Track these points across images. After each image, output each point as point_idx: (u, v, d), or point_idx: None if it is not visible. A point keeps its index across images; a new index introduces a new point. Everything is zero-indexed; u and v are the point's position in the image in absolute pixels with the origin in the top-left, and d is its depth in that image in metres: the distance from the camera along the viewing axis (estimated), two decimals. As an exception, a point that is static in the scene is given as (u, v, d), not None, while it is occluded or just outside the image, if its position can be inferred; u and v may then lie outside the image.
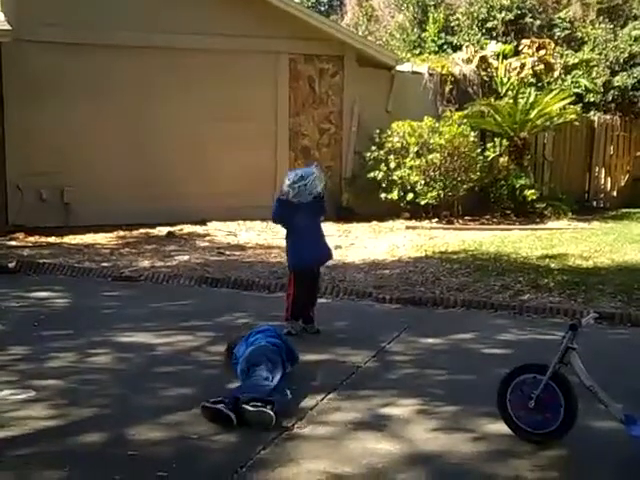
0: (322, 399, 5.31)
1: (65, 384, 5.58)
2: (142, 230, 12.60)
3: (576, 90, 16.96)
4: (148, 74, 13.17)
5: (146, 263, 10.20)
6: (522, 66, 16.65)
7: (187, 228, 12.89)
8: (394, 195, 14.10)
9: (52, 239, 11.74)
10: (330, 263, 9.48)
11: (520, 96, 15.62)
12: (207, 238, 12.31)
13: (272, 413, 4.77)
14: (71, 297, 8.58)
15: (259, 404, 4.82)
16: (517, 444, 4.59)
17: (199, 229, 12.95)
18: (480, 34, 19.39)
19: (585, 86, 17.26)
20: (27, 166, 12.42)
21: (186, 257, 10.61)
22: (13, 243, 11.51)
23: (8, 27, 11.67)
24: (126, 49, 12.91)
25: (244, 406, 4.81)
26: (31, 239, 11.74)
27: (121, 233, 12.37)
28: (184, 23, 13.20)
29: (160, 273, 9.56)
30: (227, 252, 11.09)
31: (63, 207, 12.79)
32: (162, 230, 12.59)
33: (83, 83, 12.76)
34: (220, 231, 12.91)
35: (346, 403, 5.26)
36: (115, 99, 12.96)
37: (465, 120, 14.78)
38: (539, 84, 16.76)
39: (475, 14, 19.71)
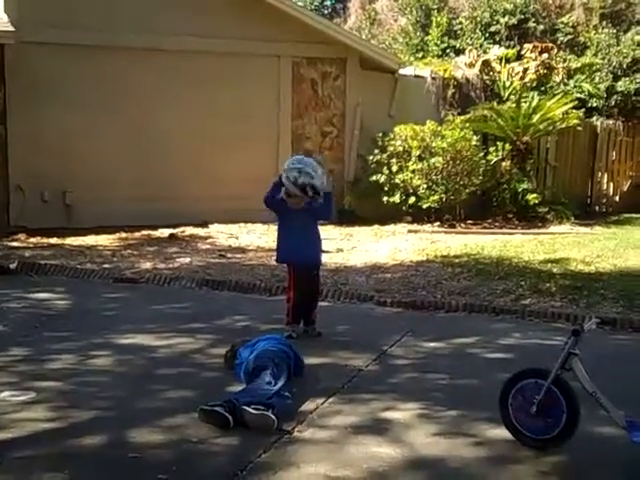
0: (323, 402, 5.30)
1: (65, 386, 5.57)
2: (144, 232, 12.60)
3: (579, 95, 16.95)
4: (151, 76, 13.18)
5: (148, 265, 10.20)
6: (525, 70, 16.64)
7: (189, 230, 12.89)
8: (396, 198, 14.09)
9: (54, 240, 11.74)
10: (332, 266, 9.53)
11: (523, 100, 15.61)
12: (209, 240, 12.31)
13: (274, 417, 4.76)
14: (72, 298, 8.57)
15: (261, 407, 4.81)
16: (518, 449, 4.57)
17: (201, 231, 12.94)
18: (483, 38, 19.40)
19: (588, 91, 17.25)
20: (29, 167, 12.42)
21: (187, 259, 10.60)
22: (15, 244, 11.51)
23: (11, 29, 11.70)
24: (129, 51, 12.93)
25: (245, 408, 4.79)
26: (33, 240, 11.74)
27: (123, 235, 12.37)
28: (187, 25, 13.21)
29: (161, 275, 9.55)
30: (228, 255, 11.09)
31: (65, 208, 12.80)
32: (164, 232, 12.59)
33: (86, 85, 12.77)
34: (222, 233, 12.90)
35: (347, 407, 5.25)
36: (117, 101, 12.97)
37: (467, 124, 14.79)
38: (542, 88, 16.75)
39: (478, 18, 19.73)
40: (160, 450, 4.51)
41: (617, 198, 17.72)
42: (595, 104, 17.36)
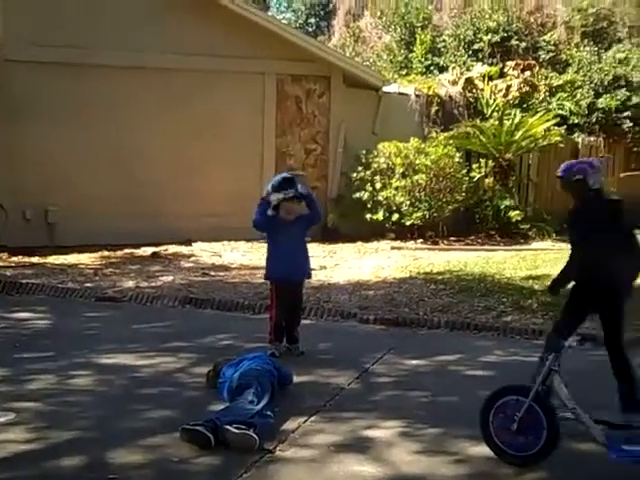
0: (305, 421, 5.29)
1: (45, 406, 5.53)
2: (126, 250, 12.55)
3: (560, 112, 17.09)
4: (135, 94, 13.17)
5: (130, 284, 10.16)
6: (507, 88, 16.76)
7: (172, 248, 12.84)
8: (379, 216, 14.12)
9: (35, 259, 11.67)
10: (315, 284, 9.51)
11: (505, 117, 15.71)
12: (192, 258, 12.28)
13: (255, 436, 4.74)
14: (53, 318, 8.52)
15: (242, 426, 4.80)
16: (499, 467, 4.59)
17: (184, 249, 12.91)
18: (466, 56, 19.52)
19: (569, 108, 17.40)
20: (11, 185, 12.34)
21: (170, 278, 10.57)
22: (-4, 263, 11.45)
23: (-6, 47, 11.68)
24: (111, 69, 12.91)
25: (227, 427, 4.78)
26: (14, 259, 11.67)
27: (105, 253, 12.31)
28: (171, 43, 13.22)
29: (144, 294, 9.51)
30: (212, 273, 11.06)
31: (47, 227, 12.71)
32: (147, 250, 12.55)
33: (68, 102, 12.73)
34: (205, 251, 12.87)
35: (329, 425, 5.25)
36: (100, 119, 12.94)
37: (451, 141, 14.86)
38: (524, 106, 16.86)
39: (462, 36, 19.86)
40: (141, 470, 4.49)
41: (599, 214, 17.82)
42: (576, 121, 17.49)
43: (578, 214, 5.65)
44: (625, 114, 17.16)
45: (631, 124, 17.22)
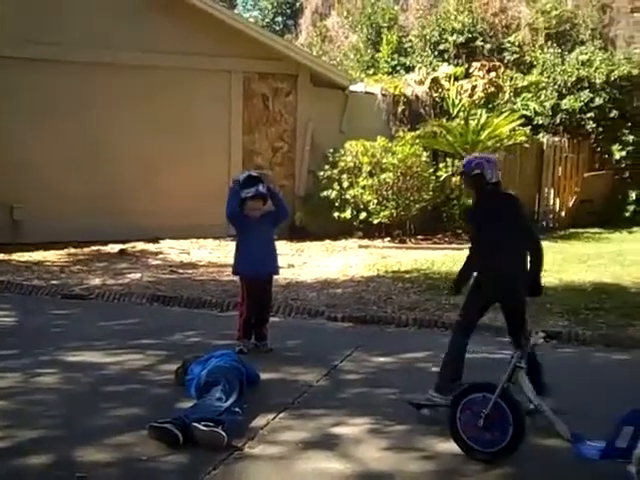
0: (273, 418, 5.30)
1: (11, 405, 5.48)
2: (94, 247, 12.46)
3: (525, 112, 17.27)
4: (101, 91, 13.08)
5: (97, 281, 10.08)
6: (473, 88, 16.90)
7: (139, 246, 12.77)
8: (347, 214, 14.17)
9: (0, 256, 11.53)
10: (283, 282, 9.52)
11: (471, 117, 15.84)
12: (159, 256, 12.22)
13: (224, 433, 4.74)
14: (18, 315, 8.44)
15: (210, 424, 4.79)
16: (467, 463, 4.63)
17: (151, 247, 12.84)
18: (432, 56, 19.66)
19: (534, 109, 17.59)
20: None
21: (138, 275, 10.51)
22: (-41, 260, 11.29)
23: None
24: (79, 65, 12.82)
25: (195, 424, 4.77)
26: (-22, 256, 11.53)
27: (72, 250, 12.21)
28: (137, 40, 13.15)
29: (111, 291, 9.45)
30: (179, 270, 11.02)
31: (12, 224, 12.57)
32: (114, 247, 12.47)
33: (35, 99, 12.61)
34: (173, 249, 12.82)
35: (297, 422, 5.26)
36: (69, 116, 12.83)
37: (418, 140, 14.95)
38: (490, 106, 17.01)
39: (427, 37, 19.99)
40: (108, 469, 4.46)
41: (563, 213, 18.04)
42: (541, 121, 17.69)
43: (476, 209, 5.89)
44: (588, 115, 17.39)
45: (594, 125, 17.46)
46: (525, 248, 5.49)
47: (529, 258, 5.51)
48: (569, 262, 11.93)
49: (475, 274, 5.66)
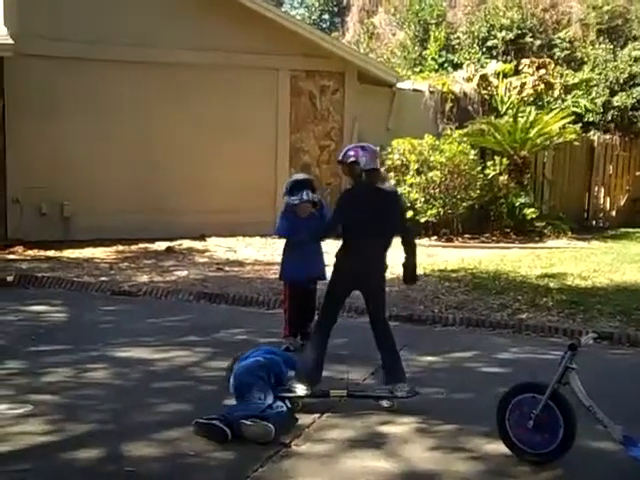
0: (320, 416, 5.29)
1: (62, 399, 5.56)
2: (141, 245, 12.59)
3: (576, 110, 17.02)
4: (149, 89, 13.21)
5: (145, 278, 10.19)
6: (522, 85, 16.72)
7: (186, 243, 12.87)
8: (394, 212, 14.07)
9: (51, 253, 11.73)
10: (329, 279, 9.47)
11: (520, 115, 15.67)
12: (206, 254, 12.30)
13: (271, 426, 4.75)
14: (69, 311, 8.56)
15: (257, 420, 4.81)
16: (515, 464, 4.57)
17: (198, 245, 12.93)
18: (480, 53, 19.48)
19: (585, 106, 17.32)
20: (27, 180, 12.42)
21: (185, 272, 10.59)
22: (12, 257, 11.49)
23: (11, 41, 11.72)
24: (127, 64, 12.95)
25: (242, 421, 4.79)
26: (30, 253, 11.73)
27: (120, 248, 12.35)
28: (185, 38, 13.25)
29: (159, 288, 9.54)
30: (226, 268, 11.08)
31: (62, 221, 12.79)
32: (161, 245, 12.58)
33: (83, 97, 12.79)
34: (219, 247, 12.89)
35: (344, 420, 5.24)
36: (115, 113, 12.98)
37: (465, 138, 14.82)
38: (539, 103, 16.82)
39: (476, 33, 19.81)
40: (156, 464, 4.50)
41: (614, 212, 17.76)
42: (592, 119, 17.44)
43: (347, 192, 6.13)
44: (641, 112, 17.09)
45: (647, 122, 17.15)
46: (388, 239, 5.77)
47: (404, 248, 5.95)
48: (620, 262, 11.73)
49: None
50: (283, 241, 7.40)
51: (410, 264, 6.06)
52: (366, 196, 5.72)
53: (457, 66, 19.18)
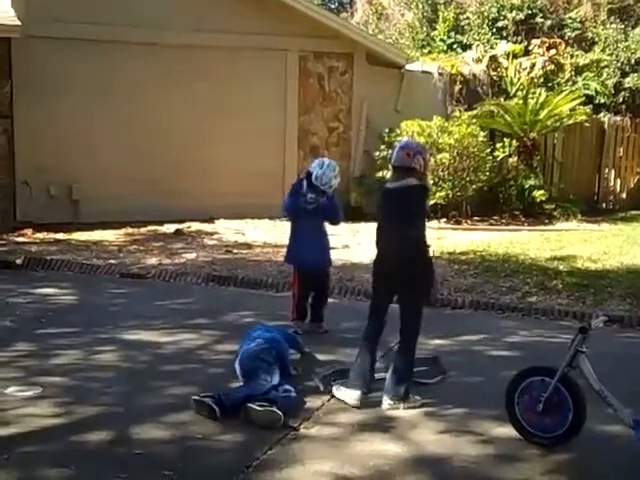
0: (329, 400, 5.30)
1: (71, 381, 5.58)
2: (150, 227, 12.59)
3: (586, 91, 16.88)
4: (156, 71, 13.14)
5: (153, 260, 10.20)
6: (532, 66, 16.57)
7: (195, 226, 12.86)
8: (402, 195, 14.01)
9: (60, 235, 11.74)
10: (338, 263, 9.48)
11: (530, 96, 15.54)
12: (215, 236, 12.29)
13: (280, 412, 4.76)
14: (78, 294, 8.58)
15: (265, 404, 4.81)
16: (525, 447, 4.57)
17: (207, 227, 12.92)
18: (490, 33, 19.32)
19: (595, 88, 17.18)
20: (36, 162, 12.41)
21: (193, 255, 10.59)
22: (21, 239, 11.51)
23: (18, 23, 11.67)
24: (135, 46, 12.88)
25: (250, 405, 4.79)
26: (39, 235, 11.74)
27: (129, 230, 12.36)
28: (193, 20, 13.17)
29: (167, 271, 9.55)
30: (235, 250, 11.07)
31: (71, 204, 12.78)
32: (170, 228, 12.58)
33: (92, 80, 12.74)
34: (228, 229, 12.88)
35: (353, 404, 5.23)
36: (124, 96, 12.93)
37: (474, 120, 14.71)
38: (549, 84, 16.68)
39: (485, 13, 19.64)
40: (165, 446, 4.51)
41: (624, 195, 17.64)
42: (602, 100, 17.29)
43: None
44: (652, 94, 16.94)
45: (658, 104, 17.01)
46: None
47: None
48: (631, 244, 11.67)
49: None
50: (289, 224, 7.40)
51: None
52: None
53: (466, 47, 19.01)
